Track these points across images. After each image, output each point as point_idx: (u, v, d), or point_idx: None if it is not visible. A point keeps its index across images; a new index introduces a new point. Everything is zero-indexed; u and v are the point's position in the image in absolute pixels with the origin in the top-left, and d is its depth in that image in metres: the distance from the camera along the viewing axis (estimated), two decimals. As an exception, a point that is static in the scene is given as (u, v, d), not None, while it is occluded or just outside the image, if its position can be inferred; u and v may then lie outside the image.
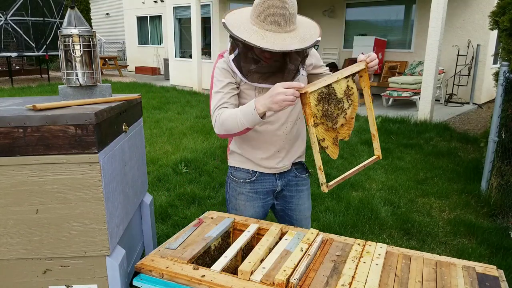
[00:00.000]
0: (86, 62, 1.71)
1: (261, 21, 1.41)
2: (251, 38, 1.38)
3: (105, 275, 1.52)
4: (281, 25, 1.41)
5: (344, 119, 1.56)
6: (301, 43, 1.42)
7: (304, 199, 1.87)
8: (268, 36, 1.40)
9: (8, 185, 1.40)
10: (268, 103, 1.36)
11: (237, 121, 1.45)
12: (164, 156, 4.83)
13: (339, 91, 1.52)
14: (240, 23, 1.45)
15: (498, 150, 3.64)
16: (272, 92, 1.35)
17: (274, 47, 1.36)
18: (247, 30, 1.41)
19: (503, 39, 3.79)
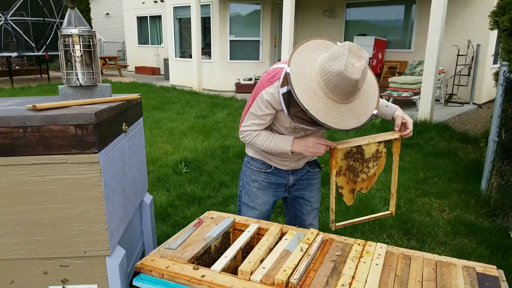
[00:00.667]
0: (86, 62, 1.71)
1: (327, 89, 1.36)
2: (312, 107, 1.35)
3: (105, 275, 1.52)
4: (345, 98, 1.39)
5: (366, 176, 1.70)
6: (357, 119, 1.42)
7: (314, 191, 1.99)
8: (328, 106, 1.37)
9: (8, 185, 1.40)
10: (302, 150, 1.63)
11: (269, 148, 1.67)
12: (164, 156, 4.83)
13: (367, 152, 1.67)
14: (306, 81, 1.39)
15: (498, 150, 3.64)
16: (307, 143, 1.60)
17: (331, 123, 1.38)
18: (310, 93, 1.37)
19: (503, 39, 3.79)
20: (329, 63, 1.34)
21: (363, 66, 1.32)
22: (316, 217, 2.03)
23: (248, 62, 10.85)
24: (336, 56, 1.33)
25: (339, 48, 1.34)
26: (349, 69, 1.30)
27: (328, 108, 1.37)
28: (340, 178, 1.67)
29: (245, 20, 11.02)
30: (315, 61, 1.42)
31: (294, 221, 2.02)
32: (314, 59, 1.43)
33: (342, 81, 1.32)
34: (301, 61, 1.43)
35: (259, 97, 1.61)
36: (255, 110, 1.64)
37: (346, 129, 1.39)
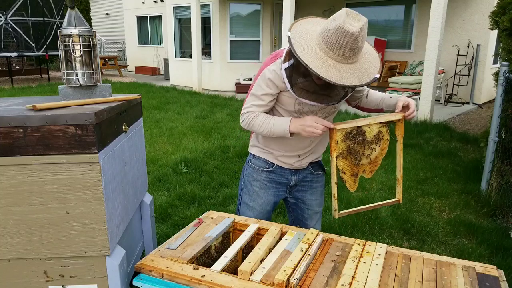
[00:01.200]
0: (86, 62, 1.71)
1: (327, 47, 1.38)
2: (313, 64, 1.36)
3: (105, 275, 1.52)
4: (346, 57, 1.39)
5: (369, 159, 1.65)
6: (359, 78, 1.41)
7: (316, 195, 1.95)
8: (329, 64, 1.38)
9: (8, 185, 1.40)
10: (299, 130, 1.56)
11: (269, 130, 1.62)
12: (164, 156, 4.83)
13: (369, 134, 1.61)
14: (306, 42, 1.42)
15: (498, 150, 3.64)
16: (305, 122, 1.53)
17: (333, 78, 1.36)
18: (311, 53, 1.39)
19: (503, 39, 3.79)
20: (329, 24, 1.39)
21: (361, 25, 1.35)
22: (319, 221, 2.00)
23: (248, 62, 10.84)
24: (335, 17, 1.38)
25: (338, 12, 1.39)
26: (348, 25, 1.33)
27: (328, 65, 1.38)
28: (341, 162, 1.62)
29: (245, 20, 11.01)
30: (315, 31, 1.46)
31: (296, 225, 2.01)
32: (314, 29, 1.47)
33: (341, 37, 1.34)
34: (302, 28, 1.48)
35: (261, 75, 1.61)
36: (256, 90, 1.63)
37: (347, 84, 1.38)
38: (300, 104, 1.63)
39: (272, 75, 1.58)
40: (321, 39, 1.40)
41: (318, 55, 1.39)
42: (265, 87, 1.60)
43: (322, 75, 1.35)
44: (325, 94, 1.56)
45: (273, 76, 1.57)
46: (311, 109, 1.65)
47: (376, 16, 10.05)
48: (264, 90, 1.61)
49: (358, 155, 1.63)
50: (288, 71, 1.53)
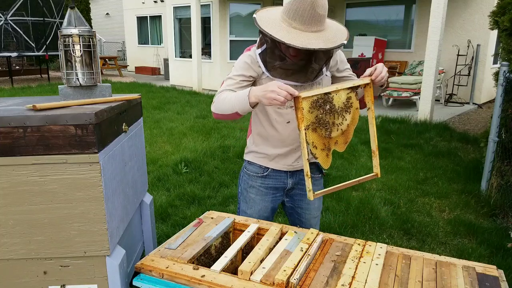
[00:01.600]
0: (86, 62, 1.71)
1: (290, 19, 1.45)
2: (277, 34, 1.41)
3: (105, 275, 1.52)
4: (308, 24, 1.44)
5: (341, 131, 1.55)
6: (325, 43, 1.44)
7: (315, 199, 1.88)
8: (294, 33, 1.43)
9: (8, 185, 1.40)
10: (260, 96, 1.42)
11: (230, 103, 1.52)
12: (164, 156, 4.83)
13: (337, 101, 1.51)
14: (270, 19, 1.50)
15: (498, 150, 3.64)
16: (267, 87, 1.40)
17: (298, 43, 1.39)
18: (275, 27, 1.45)
19: (503, 39, 3.79)
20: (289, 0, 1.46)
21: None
22: (317, 225, 1.96)
23: (248, 62, 10.82)
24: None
25: None
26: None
27: (293, 33, 1.42)
28: (310, 135, 1.48)
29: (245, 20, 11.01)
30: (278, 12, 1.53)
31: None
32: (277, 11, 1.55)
33: (299, 4, 1.41)
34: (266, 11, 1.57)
35: (237, 61, 1.66)
36: (231, 73, 1.65)
37: (312, 48, 1.39)
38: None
39: (248, 59, 1.62)
40: (284, 13, 1.47)
41: (282, 27, 1.45)
42: (239, 69, 1.63)
43: (286, 41, 1.38)
44: (300, 72, 1.58)
45: (249, 59, 1.62)
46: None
47: (376, 16, 10.05)
48: (238, 71, 1.63)
49: (328, 126, 1.51)
50: (262, 56, 1.58)
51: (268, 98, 1.39)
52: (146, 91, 10.04)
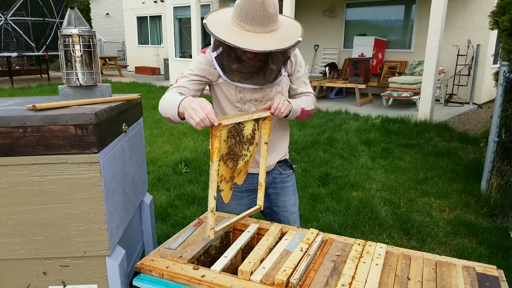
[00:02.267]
0: (86, 62, 1.71)
1: (242, 22, 1.40)
2: (231, 39, 1.37)
3: (105, 275, 1.52)
4: (261, 25, 1.40)
5: (244, 163, 1.52)
6: (281, 43, 1.40)
7: (289, 195, 1.89)
8: (248, 36, 1.38)
9: (8, 185, 1.40)
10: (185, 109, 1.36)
11: (167, 106, 1.48)
12: (164, 156, 4.83)
13: (246, 131, 1.47)
14: (221, 23, 1.44)
15: (498, 150, 3.64)
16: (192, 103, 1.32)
17: (254, 47, 1.35)
18: (228, 31, 1.40)
19: (503, 39, 3.79)
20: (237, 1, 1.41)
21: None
22: (297, 221, 1.94)
23: (248, 62, 10.83)
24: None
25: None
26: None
27: (246, 37, 1.38)
28: (221, 166, 1.41)
29: (245, 20, 10.99)
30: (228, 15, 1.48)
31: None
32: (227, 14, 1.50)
33: (249, 5, 1.36)
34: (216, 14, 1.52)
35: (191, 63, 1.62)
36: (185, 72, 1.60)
37: (269, 49, 1.36)
38: (241, 91, 1.61)
39: (204, 60, 1.58)
40: (235, 16, 1.42)
41: (235, 31, 1.40)
42: (195, 69, 1.58)
43: (242, 46, 1.34)
44: (258, 74, 1.55)
45: (205, 61, 1.58)
46: (254, 97, 1.63)
47: (376, 16, 10.06)
48: (193, 71, 1.59)
49: (236, 157, 1.45)
50: (218, 59, 1.54)
51: (187, 115, 1.32)
52: (146, 91, 10.04)
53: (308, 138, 5.60)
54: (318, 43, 10.85)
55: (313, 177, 4.15)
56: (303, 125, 6.48)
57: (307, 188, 3.84)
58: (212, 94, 1.70)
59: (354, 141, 5.48)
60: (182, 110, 1.38)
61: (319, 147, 5.21)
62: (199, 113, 1.28)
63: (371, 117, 7.01)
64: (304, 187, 3.88)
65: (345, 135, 5.83)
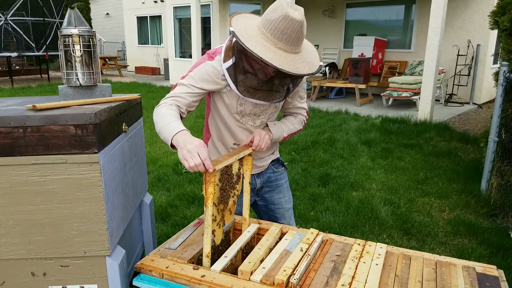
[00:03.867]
0: (86, 62, 1.71)
1: (275, 39, 1.35)
2: (266, 55, 1.32)
3: (105, 275, 1.52)
4: (294, 45, 1.37)
5: (233, 202, 1.52)
6: (310, 67, 1.41)
7: (283, 192, 1.92)
8: (281, 55, 1.35)
9: (8, 185, 1.40)
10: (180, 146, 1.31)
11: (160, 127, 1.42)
12: (164, 156, 4.83)
13: (233, 171, 1.47)
14: (251, 36, 1.37)
15: (498, 150, 3.64)
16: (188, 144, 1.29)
17: (289, 69, 1.33)
18: (261, 46, 1.34)
19: (503, 39, 3.79)
20: (271, 15, 1.36)
21: (302, 13, 1.36)
22: (292, 218, 1.96)
23: (248, 62, 10.83)
24: (275, 7, 1.36)
25: (275, 3, 1.38)
26: (292, 13, 1.33)
27: (280, 56, 1.35)
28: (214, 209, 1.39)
29: (245, 20, 11.00)
30: (253, 25, 1.42)
31: None
32: (252, 23, 1.44)
33: (288, 25, 1.33)
34: (242, 23, 1.42)
35: (198, 68, 1.53)
36: (187, 80, 1.53)
37: (302, 73, 1.36)
38: (242, 104, 1.60)
39: (212, 70, 1.51)
40: (267, 31, 1.36)
41: (267, 47, 1.35)
42: (199, 81, 1.52)
43: (279, 66, 1.31)
44: (269, 91, 1.53)
45: (213, 72, 1.51)
46: (253, 111, 1.63)
47: (376, 16, 10.06)
48: (197, 82, 1.52)
49: (227, 198, 1.45)
50: (231, 70, 1.47)
51: (181, 155, 1.29)
52: (146, 91, 10.04)
53: (308, 138, 5.60)
54: (318, 43, 10.85)
55: (313, 177, 4.15)
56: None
57: (307, 188, 3.84)
58: (211, 100, 1.67)
59: (354, 141, 5.48)
60: (176, 144, 1.34)
61: (319, 147, 5.21)
62: (195, 159, 1.25)
63: (371, 117, 7.01)
64: (304, 187, 3.87)
65: (345, 135, 5.83)
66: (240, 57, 1.47)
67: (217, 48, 1.58)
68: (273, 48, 1.35)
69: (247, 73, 1.49)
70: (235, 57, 1.47)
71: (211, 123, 1.75)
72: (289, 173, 4.18)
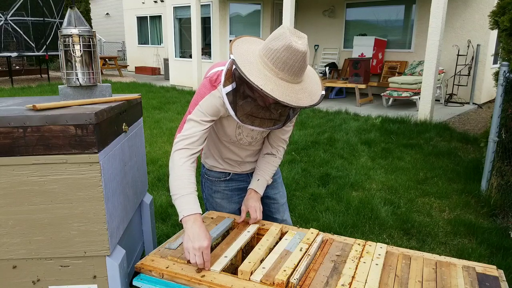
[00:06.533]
0: (86, 62, 1.71)
1: (276, 69, 1.31)
2: (267, 87, 1.28)
3: (105, 275, 1.52)
4: (295, 76, 1.33)
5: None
6: (311, 98, 1.37)
7: (278, 187, 1.94)
8: (282, 86, 1.31)
9: (8, 185, 1.40)
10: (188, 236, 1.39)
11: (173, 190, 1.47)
12: (164, 156, 4.83)
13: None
14: (252, 64, 1.33)
15: (498, 150, 3.64)
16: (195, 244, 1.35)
17: (290, 101, 1.29)
18: (261, 76, 1.30)
19: (503, 39, 3.79)
20: (273, 43, 1.30)
21: (305, 42, 1.31)
22: (287, 211, 1.98)
23: (248, 62, 10.83)
24: (278, 36, 1.31)
25: (278, 30, 1.33)
26: (295, 43, 1.28)
27: (281, 87, 1.31)
28: None
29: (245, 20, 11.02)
30: (254, 51, 1.38)
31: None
32: (253, 49, 1.40)
33: (290, 55, 1.28)
34: (242, 50, 1.39)
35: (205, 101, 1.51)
36: (197, 115, 1.51)
37: (302, 106, 1.32)
38: (240, 127, 1.63)
39: (218, 101, 1.49)
40: (268, 60, 1.31)
41: (268, 77, 1.31)
42: (209, 114, 1.51)
43: (279, 98, 1.27)
44: (269, 118, 1.50)
45: (219, 102, 1.49)
46: (251, 134, 1.66)
47: (376, 16, 10.06)
48: (206, 116, 1.51)
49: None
50: (231, 95, 1.44)
51: (185, 245, 1.38)
52: (146, 91, 10.04)
53: (308, 138, 5.60)
54: (318, 43, 10.86)
55: (313, 177, 4.15)
56: (303, 125, 6.48)
57: (307, 188, 3.84)
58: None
59: (354, 141, 5.48)
60: (184, 227, 1.42)
61: (319, 147, 5.21)
62: (198, 258, 1.35)
63: (371, 117, 7.01)
64: (304, 187, 3.87)
65: (345, 135, 5.83)
66: (240, 84, 1.43)
67: (219, 73, 1.52)
68: (274, 79, 1.31)
69: (246, 99, 1.44)
70: (235, 83, 1.43)
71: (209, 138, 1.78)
72: (289, 173, 4.18)
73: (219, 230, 1.65)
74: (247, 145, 1.73)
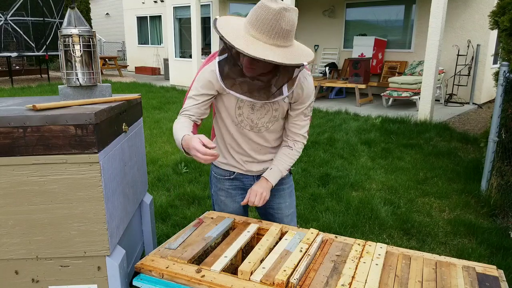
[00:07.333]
0: (86, 62, 1.71)
1: (250, 27, 1.34)
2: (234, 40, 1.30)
3: (105, 275, 1.52)
4: (268, 36, 1.32)
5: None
6: (282, 59, 1.30)
7: (284, 197, 1.87)
8: (250, 41, 1.32)
9: (8, 185, 1.40)
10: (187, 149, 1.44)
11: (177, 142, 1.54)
12: (164, 156, 4.83)
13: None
14: (232, 26, 1.39)
15: (498, 150, 3.64)
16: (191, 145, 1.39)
17: (250, 51, 1.27)
18: (234, 33, 1.35)
19: (503, 39, 3.79)
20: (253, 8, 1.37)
21: (284, 5, 1.32)
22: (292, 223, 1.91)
23: (248, 62, 10.83)
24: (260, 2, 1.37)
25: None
26: (268, 2, 1.32)
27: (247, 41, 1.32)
28: None
29: (245, 20, 11.00)
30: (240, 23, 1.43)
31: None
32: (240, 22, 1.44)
33: (262, 12, 1.31)
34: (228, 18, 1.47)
35: (198, 77, 1.60)
36: (192, 91, 1.62)
37: (263, 58, 1.27)
38: (240, 107, 1.62)
39: (210, 75, 1.55)
40: (246, 22, 1.38)
41: (240, 35, 1.35)
42: (201, 88, 1.59)
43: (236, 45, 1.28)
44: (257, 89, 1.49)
45: (211, 76, 1.55)
46: (250, 117, 1.64)
47: (376, 16, 10.06)
48: (199, 91, 1.59)
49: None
50: (221, 65, 1.50)
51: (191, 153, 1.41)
52: (146, 91, 10.03)
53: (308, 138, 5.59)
54: (318, 43, 10.86)
55: (313, 177, 4.15)
56: (303, 125, 6.47)
57: (307, 188, 3.85)
58: (215, 103, 1.71)
59: (354, 141, 5.48)
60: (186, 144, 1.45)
61: (319, 147, 5.21)
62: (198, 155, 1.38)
63: (371, 117, 7.01)
64: (304, 187, 3.88)
65: (345, 135, 5.83)
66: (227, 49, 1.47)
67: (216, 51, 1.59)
68: (245, 35, 1.35)
69: (234, 67, 1.48)
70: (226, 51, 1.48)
71: (215, 126, 1.80)
72: (289, 173, 4.18)
73: (219, 230, 1.65)
74: (249, 132, 1.68)
